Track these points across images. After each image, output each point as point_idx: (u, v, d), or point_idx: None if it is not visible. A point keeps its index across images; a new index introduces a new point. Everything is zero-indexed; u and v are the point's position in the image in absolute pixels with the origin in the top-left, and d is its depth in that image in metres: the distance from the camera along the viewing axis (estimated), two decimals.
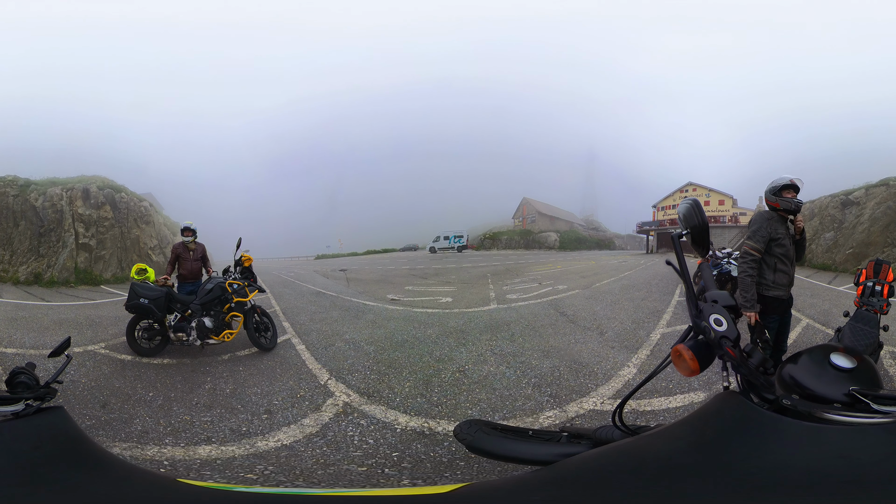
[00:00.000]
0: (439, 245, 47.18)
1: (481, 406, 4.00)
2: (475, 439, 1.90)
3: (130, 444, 3.35)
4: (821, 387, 1.15)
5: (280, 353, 5.90)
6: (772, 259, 3.73)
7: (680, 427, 1.20)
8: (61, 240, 15.08)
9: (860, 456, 0.93)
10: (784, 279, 3.74)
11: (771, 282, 3.74)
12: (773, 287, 3.74)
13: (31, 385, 1.54)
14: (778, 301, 3.76)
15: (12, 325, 7.70)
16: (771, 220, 3.73)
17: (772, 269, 3.73)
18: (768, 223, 3.72)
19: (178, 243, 7.03)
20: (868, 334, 3.80)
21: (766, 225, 3.71)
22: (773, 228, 3.71)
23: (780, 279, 3.73)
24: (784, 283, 3.74)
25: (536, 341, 6.21)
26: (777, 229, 3.70)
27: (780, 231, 3.71)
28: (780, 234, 3.70)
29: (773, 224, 3.72)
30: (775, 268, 3.72)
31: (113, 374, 5.02)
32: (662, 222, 44.14)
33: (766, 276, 3.75)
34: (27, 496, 1.08)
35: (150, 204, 18.40)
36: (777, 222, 3.73)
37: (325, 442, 3.40)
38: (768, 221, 3.72)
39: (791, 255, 3.77)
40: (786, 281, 3.75)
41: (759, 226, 3.72)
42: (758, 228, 3.72)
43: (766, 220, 3.73)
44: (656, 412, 3.78)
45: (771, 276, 3.74)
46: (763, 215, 3.80)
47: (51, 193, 15.52)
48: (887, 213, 16.97)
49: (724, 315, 1.33)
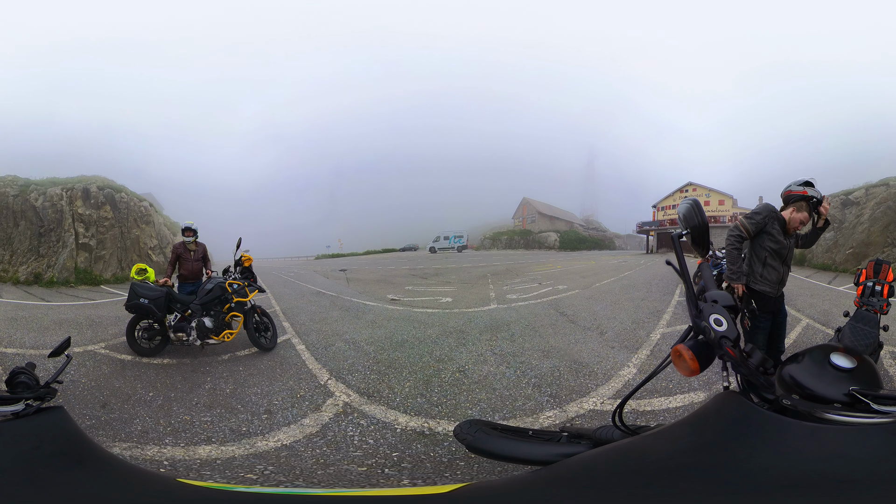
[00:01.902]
0: (439, 245, 47.22)
1: (481, 406, 4.00)
2: (475, 439, 1.91)
3: (130, 444, 3.35)
4: (821, 387, 1.15)
5: (280, 353, 5.90)
6: (762, 252, 3.66)
7: (680, 427, 1.21)
8: (61, 240, 15.08)
9: (860, 456, 0.93)
10: (773, 275, 3.66)
11: (759, 275, 3.66)
12: (760, 281, 3.66)
13: (31, 385, 1.54)
14: (766, 297, 3.68)
15: (12, 325, 7.70)
16: (774, 213, 3.67)
17: (761, 262, 3.66)
18: (769, 215, 3.66)
19: (179, 243, 7.01)
20: (868, 334, 3.79)
21: (767, 215, 3.66)
22: (771, 222, 3.64)
23: (769, 275, 3.65)
24: (773, 279, 3.66)
25: (536, 341, 6.20)
26: (774, 225, 3.64)
27: (776, 228, 3.65)
28: (775, 229, 3.64)
29: (773, 218, 3.65)
30: (765, 261, 3.65)
31: (113, 374, 5.02)
32: (662, 222, 44.13)
33: (754, 268, 3.69)
34: (27, 496, 1.08)
35: (150, 204, 18.40)
36: (778, 220, 3.68)
37: (325, 442, 3.40)
38: (771, 213, 3.66)
39: (784, 254, 3.68)
40: (775, 278, 3.67)
41: (759, 211, 3.68)
42: (757, 212, 3.69)
43: (769, 212, 3.67)
44: (656, 412, 3.78)
45: (759, 269, 3.66)
46: (769, 206, 3.73)
47: (51, 193, 15.52)
48: (887, 213, 16.97)
49: (724, 315, 1.33)
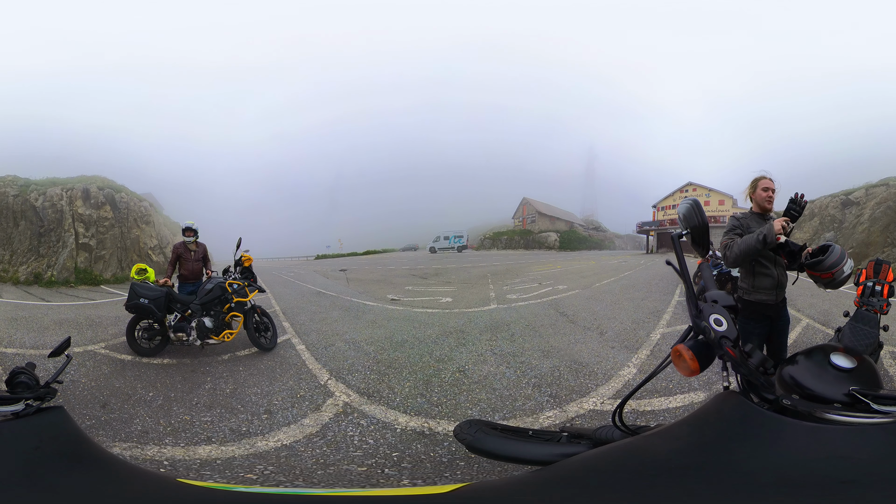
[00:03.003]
0: (439, 245, 47.19)
1: (481, 406, 4.00)
2: (475, 439, 1.91)
3: (130, 444, 3.35)
4: (821, 387, 1.16)
5: (280, 353, 5.90)
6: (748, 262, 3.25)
7: (680, 427, 1.21)
8: (61, 240, 15.09)
9: (860, 456, 0.93)
10: (767, 282, 3.26)
11: (751, 286, 3.28)
12: (754, 291, 3.28)
13: (31, 385, 1.54)
14: (763, 306, 3.28)
15: (12, 325, 7.70)
16: (744, 218, 3.35)
17: (750, 274, 3.27)
18: (741, 218, 3.35)
19: (179, 243, 7.01)
20: (868, 334, 3.79)
21: (739, 220, 3.34)
22: (748, 226, 3.27)
23: (763, 283, 3.26)
24: (767, 286, 3.26)
25: (536, 341, 6.20)
26: (751, 227, 3.26)
27: (756, 229, 3.23)
28: (755, 224, 3.29)
29: (747, 222, 3.31)
30: (754, 271, 3.25)
31: (113, 374, 5.02)
32: (662, 222, 44.13)
33: (745, 281, 3.32)
34: (27, 496, 1.08)
35: (150, 204, 18.42)
36: (751, 220, 3.33)
37: (324, 442, 3.40)
38: (739, 220, 3.35)
39: (774, 255, 3.27)
40: (769, 284, 3.26)
41: (731, 225, 3.34)
42: (730, 228, 3.33)
43: (737, 220, 3.35)
44: (656, 412, 3.78)
45: (750, 281, 3.28)
46: (735, 215, 3.41)
47: (51, 193, 15.54)
48: (887, 213, 16.98)
49: (724, 315, 1.33)
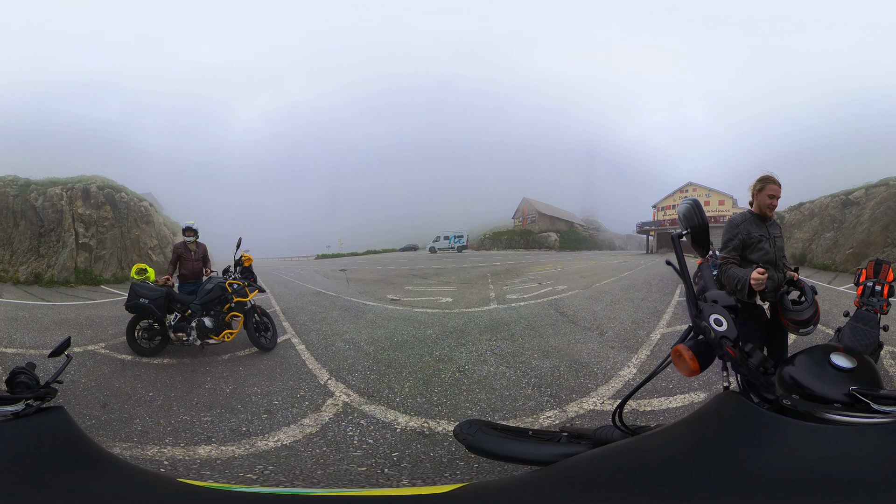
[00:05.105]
0: (439, 245, 47.15)
1: (481, 406, 4.00)
2: (475, 439, 1.91)
3: (130, 444, 3.35)
4: (821, 387, 1.16)
5: (280, 352, 5.90)
6: (749, 267, 3.16)
7: (680, 427, 1.21)
8: (61, 240, 15.08)
9: (860, 456, 0.93)
10: (767, 284, 3.10)
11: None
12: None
13: (31, 385, 1.54)
14: (762, 309, 3.22)
15: (12, 325, 7.70)
16: (743, 223, 3.24)
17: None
18: (740, 224, 3.24)
19: (180, 243, 7.01)
20: (868, 334, 3.79)
21: (738, 226, 3.24)
22: (747, 232, 3.20)
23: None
24: (767, 287, 3.13)
25: (536, 341, 6.20)
26: (751, 232, 3.20)
27: (756, 234, 3.19)
28: (754, 237, 3.20)
29: (746, 227, 3.22)
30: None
31: (113, 374, 5.02)
32: (662, 222, 44.09)
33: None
34: (27, 496, 1.08)
35: (150, 204, 18.39)
36: (751, 223, 3.24)
37: (324, 442, 3.40)
38: (740, 222, 3.25)
39: (773, 258, 3.22)
40: (769, 286, 3.14)
41: (728, 235, 3.24)
42: (728, 239, 3.23)
43: (738, 223, 3.25)
44: (656, 412, 3.78)
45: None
46: (733, 220, 3.30)
47: (51, 193, 15.52)
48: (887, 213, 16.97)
49: (724, 315, 1.33)
